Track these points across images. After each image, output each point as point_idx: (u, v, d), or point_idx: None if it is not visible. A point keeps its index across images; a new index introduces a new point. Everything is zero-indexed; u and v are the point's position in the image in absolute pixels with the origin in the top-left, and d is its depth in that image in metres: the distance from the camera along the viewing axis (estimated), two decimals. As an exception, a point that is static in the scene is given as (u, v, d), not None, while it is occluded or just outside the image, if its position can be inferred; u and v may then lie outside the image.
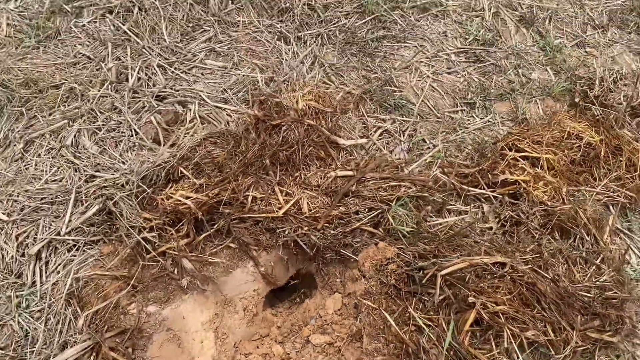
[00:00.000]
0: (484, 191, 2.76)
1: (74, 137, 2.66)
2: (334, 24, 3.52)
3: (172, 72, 3.09)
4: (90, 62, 3.05)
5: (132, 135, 2.70)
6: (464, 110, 3.28)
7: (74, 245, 2.38)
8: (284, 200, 2.58)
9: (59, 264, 2.34)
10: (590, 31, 3.91)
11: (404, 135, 3.05)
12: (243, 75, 3.11)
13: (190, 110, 2.87)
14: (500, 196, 2.76)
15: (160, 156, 2.50)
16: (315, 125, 2.75)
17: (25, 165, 2.59)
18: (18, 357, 2.17)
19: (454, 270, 2.34)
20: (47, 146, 2.63)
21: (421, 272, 2.41)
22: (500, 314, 2.22)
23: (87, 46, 3.14)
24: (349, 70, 3.32)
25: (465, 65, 3.52)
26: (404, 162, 2.85)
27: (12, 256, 2.34)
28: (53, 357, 2.12)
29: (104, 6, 3.26)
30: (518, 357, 2.18)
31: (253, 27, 3.41)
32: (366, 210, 2.64)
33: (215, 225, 2.51)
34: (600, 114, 3.14)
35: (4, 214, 2.44)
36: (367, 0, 3.60)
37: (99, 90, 2.86)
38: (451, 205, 2.75)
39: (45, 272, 2.33)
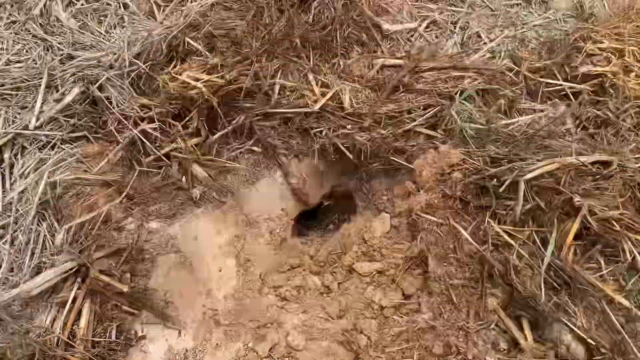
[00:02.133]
0: (563, 83, 2.22)
1: (44, 6, 2.01)
2: None
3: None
4: None
5: (119, 8, 2.07)
6: (520, 4, 2.72)
7: (48, 142, 1.79)
8: (320, 92, 2.01)
9: (28, 166, 1.74)
10: None
11: (455, 27, 2.48)
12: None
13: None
14: (581, 90, 2.22)
15: (159, 26, 1.88)
16: None
17: (-23, 44, 1.96)
18: (-25, 288, 1.58)
19: (541, 174, 1.82)
20: (7, 18, 1.99)
21: (495, 180, 1.89)
22: (613, 221, 1.70)
23: None
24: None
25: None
26: (463, 54, 2.29)
27: (-37, 158, 1.74)
28: (23, 284, 1.54)
29: None
30: None
31: None
32: (421, 107, 2.10)
33: (234, 122, 1.93)
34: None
35: (-51, 104, 1.82)
36: None
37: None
38: (523, 104, 2.21)
39: (10, 178, 1.73)
